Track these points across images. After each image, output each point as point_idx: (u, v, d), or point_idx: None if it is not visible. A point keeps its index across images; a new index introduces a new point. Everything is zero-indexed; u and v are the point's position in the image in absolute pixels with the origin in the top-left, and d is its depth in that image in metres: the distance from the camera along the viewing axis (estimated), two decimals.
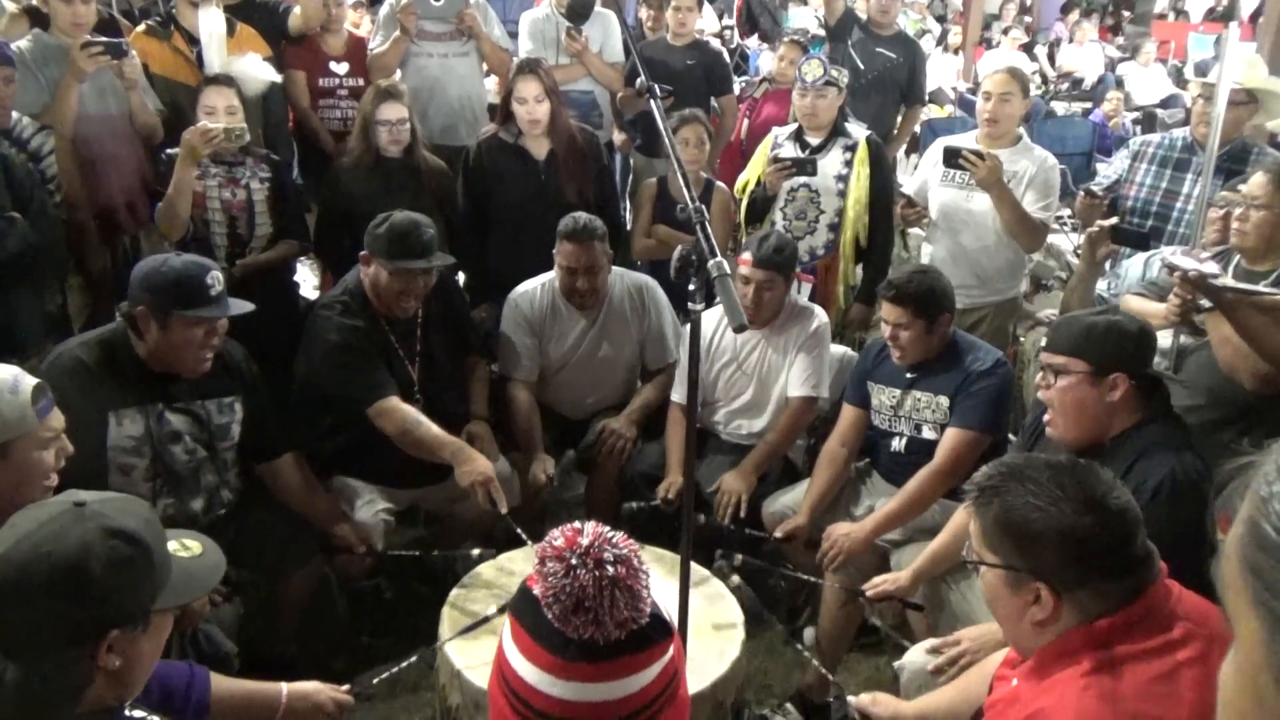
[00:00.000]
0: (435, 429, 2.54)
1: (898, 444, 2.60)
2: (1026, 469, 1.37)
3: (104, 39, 3.14)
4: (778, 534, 2.58)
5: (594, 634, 1.21)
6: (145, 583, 1.22)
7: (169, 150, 3.04)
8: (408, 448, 2.54)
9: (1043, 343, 2.07)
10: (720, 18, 8.98)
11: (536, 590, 1.26)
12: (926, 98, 5.63)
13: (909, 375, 2.56)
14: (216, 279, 2.18)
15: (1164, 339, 2.54)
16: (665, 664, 1.28)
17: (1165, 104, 8.12)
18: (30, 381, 1.64)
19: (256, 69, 3.54)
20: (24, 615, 1.14)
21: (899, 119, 4.82)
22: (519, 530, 2.36)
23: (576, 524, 1.27)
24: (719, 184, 3.79)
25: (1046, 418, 2.01)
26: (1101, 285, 3.02)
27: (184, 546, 1.34)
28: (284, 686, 1.75)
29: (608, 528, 1.27)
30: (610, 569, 1.21)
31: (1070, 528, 1.28)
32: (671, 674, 1.30)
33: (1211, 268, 2.21)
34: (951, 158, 3.14)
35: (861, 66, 4.52)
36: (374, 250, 2.60)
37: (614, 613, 1.21)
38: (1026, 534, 1.30)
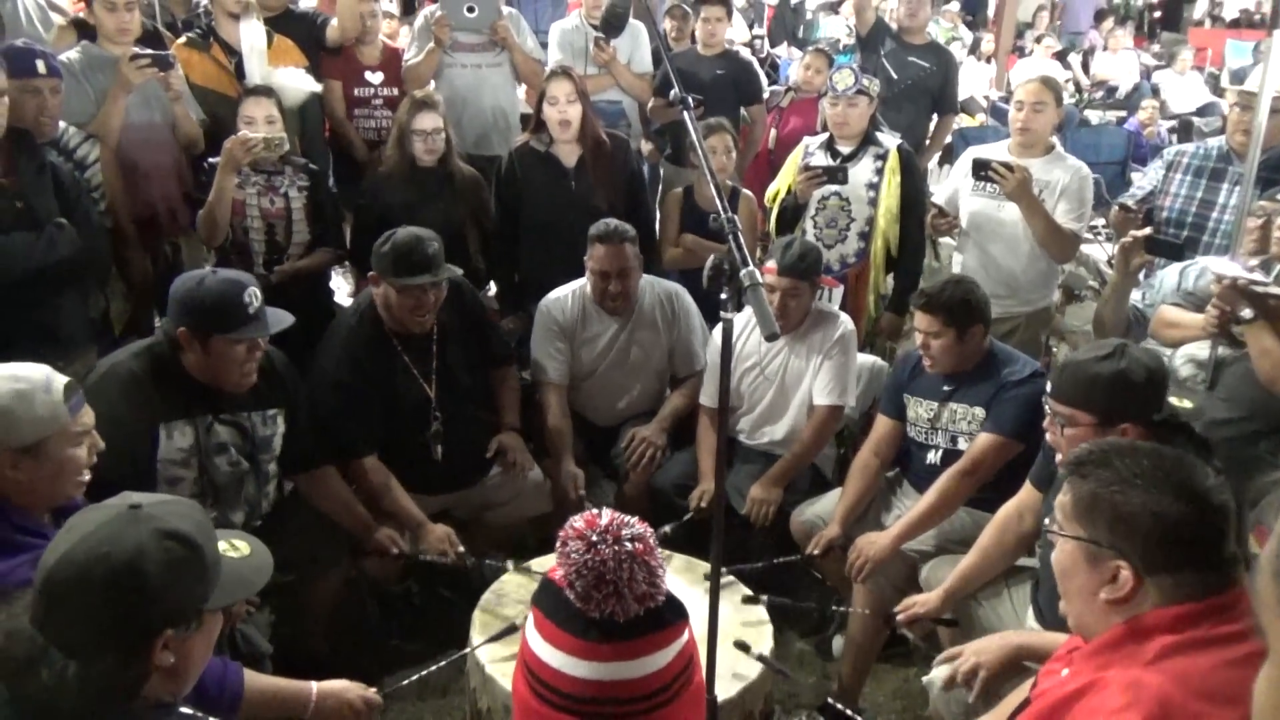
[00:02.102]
0: (403, 500, 2.59)
1: (933, 456, 2.58)
2: (1131, 450, 1.35)
3: (151, 51, 3.22)
4: (815, 551, 2.55)
5: (615, 609, 1.26)
6: (198, 583, 1.25)
7: (210, 160, 3.10)
8: (371, 509, 2.56)
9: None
10: (750, 27, 9.00)
11: (558, 575, 1.31)
12: (959, 106, 5.60)
13: (946, 388, 2.55)
14: (254, 295, 2.14)
15: (1202, 350, 2.51)
16: (682, 646, 1.33)
17: (1202, 112, 8.00)
18: (62, 380, 1.66)
19: (297, 80, 3.61)
20: (83, 613, 1.17)
21: (931, 128, 4.81)
22: (487, 562, 2.42)
23: (594, 509, 1.33)
24: (745, 191, 3.79)
25: (1059, 459, 1.98)
26: (1136, 296, 2.98)
27: (233, 547, 1.37)
28: (314, 685, 1.78)
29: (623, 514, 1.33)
30: (629, 545, 1.28)
31: (1165, 512, 1.26)
32: (689, 657, 1.34)
33: (1258, 275, 2.19)
34: (980, 170, 3.13)
35: (894, 76, 4.52)
36: (380, 270, 2.59)
37: (633, 586, 1.27)
38: (1120, 511, 1.29)
